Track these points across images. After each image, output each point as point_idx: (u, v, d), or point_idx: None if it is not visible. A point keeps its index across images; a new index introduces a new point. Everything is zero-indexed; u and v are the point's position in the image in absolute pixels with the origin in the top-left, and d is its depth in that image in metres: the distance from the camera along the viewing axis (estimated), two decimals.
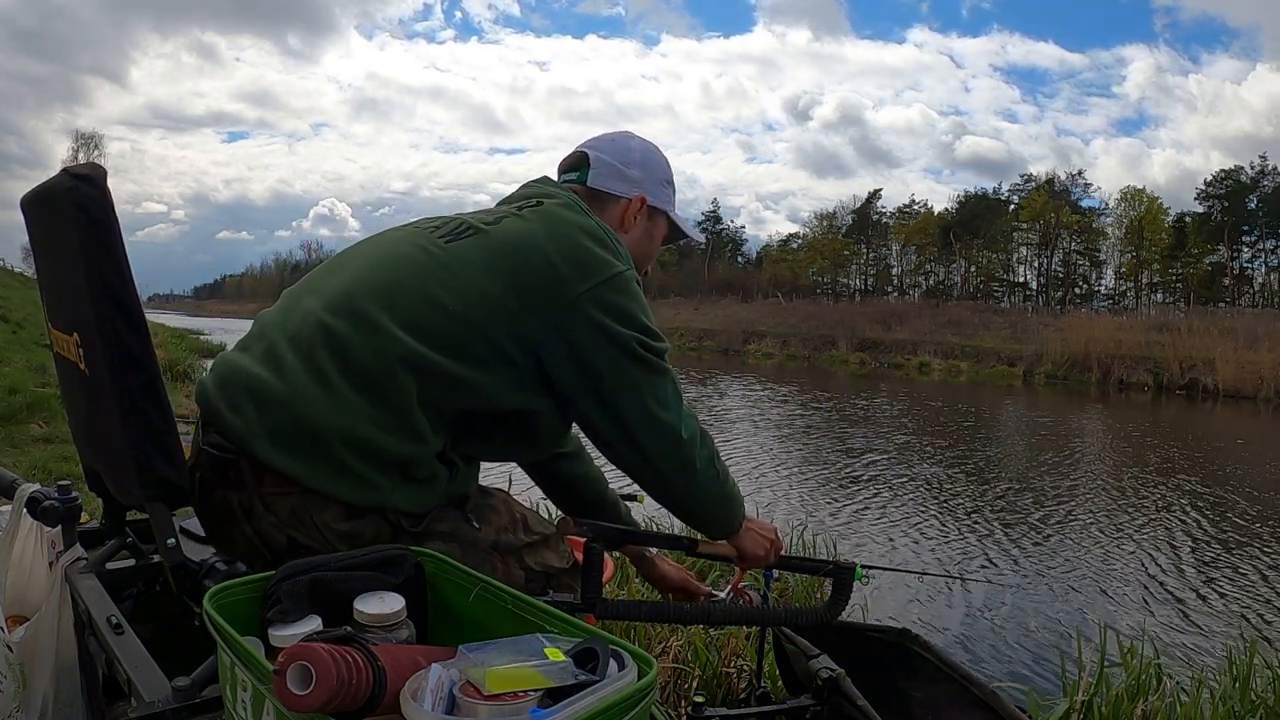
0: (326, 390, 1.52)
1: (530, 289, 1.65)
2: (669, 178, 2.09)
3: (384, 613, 1.11)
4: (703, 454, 1.80)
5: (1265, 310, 56.72)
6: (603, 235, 1.75)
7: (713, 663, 3.62)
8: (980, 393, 33.22)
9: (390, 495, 1.56)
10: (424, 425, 1.57)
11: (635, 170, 2.01)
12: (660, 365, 1.74)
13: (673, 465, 1.77)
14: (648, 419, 1.72)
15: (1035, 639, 5.78)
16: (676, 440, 1.75)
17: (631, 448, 1.75)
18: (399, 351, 1.56)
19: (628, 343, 1.68)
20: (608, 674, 0.98)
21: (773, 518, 7.61)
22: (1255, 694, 4.00)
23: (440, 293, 1.62)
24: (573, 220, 1.75)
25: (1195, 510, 10.78)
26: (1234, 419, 27.80)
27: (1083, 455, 16.23)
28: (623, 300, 1.70)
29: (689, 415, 1.79)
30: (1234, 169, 72.95)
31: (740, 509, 1.98)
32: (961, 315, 58.64)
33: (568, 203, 1.82)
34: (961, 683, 2.27)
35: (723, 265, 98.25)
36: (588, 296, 1.66)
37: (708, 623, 2.18)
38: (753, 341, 60.00)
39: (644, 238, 2.04)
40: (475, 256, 1.68)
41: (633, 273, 1.75)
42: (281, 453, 1.51)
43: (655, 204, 2.03)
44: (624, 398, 1.71)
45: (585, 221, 1.76)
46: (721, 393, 26.63)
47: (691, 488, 1.82)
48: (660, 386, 1.73)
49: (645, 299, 1.79)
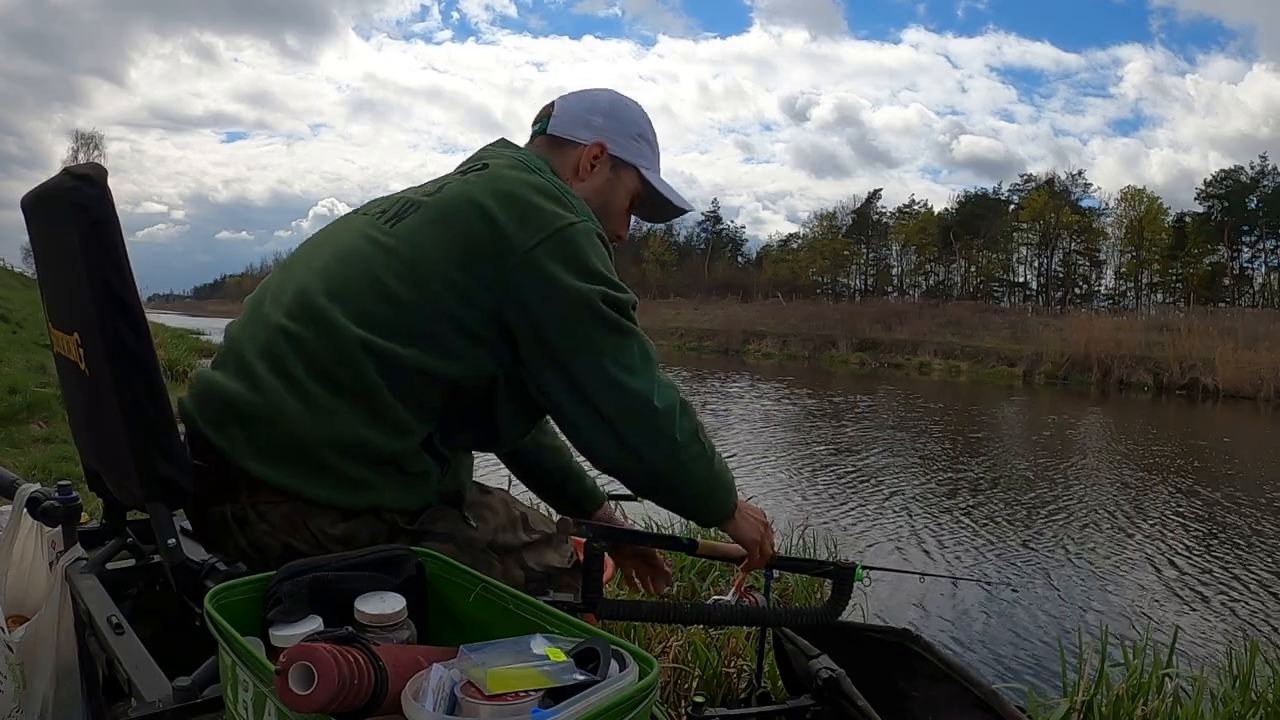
0: (303, 399, 1.52)
1: (477, 254, 1.58)
2: (642, 133, 1.97)
3: (385, 613, 1.11)
4: (683, 426, 1.62)
5: (1265, 310, 56.82)
6: (550, 189, 1.66)
7: (713, 663, 3.61)
8: (980, 393, 33.22)
9: (383, 494, 1.56)
10: (405, 418, 1.56)
11: (598, 118, 1.92)
12: (623, 323, 1.60)
13: (645, 439, 1.59)
14: (609, 384, 1.57)
15: (1036, 639, 5.78)
16: (647, 410, 1.58)
17: (594, 421, 1.59)
18: (360, 348, 1.53)
19: (583, 297, 1.57)
20: (609, 674, 0.98)
21: (774, 518, 7.60)
22: (1255, 694, 4.00)
23: (390, 280, 1.58)
24: (516, 177, 1.68)
25: (1196, 510, 10.79)
26: (1234, 419, 27.80)
27: (1083, 456, 16.23)
28: (576, 251, 1.60)
29: (665, 383, 1.62)
30: (1234, 169, 73.23)
31: (732, 491, 1.81)
32: (961, 315, 58.67)
33: (513, 162, 1.76)
34: (962, 683, 2.27)
35: (723, 265, 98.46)
36: (537, 251, 1.57)
37: (708, 623, 2.18)
38: (753, 341, 59.99)
39: (605, 188, 1.90)
40: (419, 233, 1.63)
41: (590, 224, 1.66)
42: (271, 467, 1.51)
43: (619, 154, 1.91)
44: (579, 360, 1.57)
45: (530, 178, 1.68)
46: (721, 393, 26.62)
47: (672, 466, 1.62)
48: (624, 348, 1.59)
49: (608, 254, 1.68)
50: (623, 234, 1.98)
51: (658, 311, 73.80)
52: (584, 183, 1.88)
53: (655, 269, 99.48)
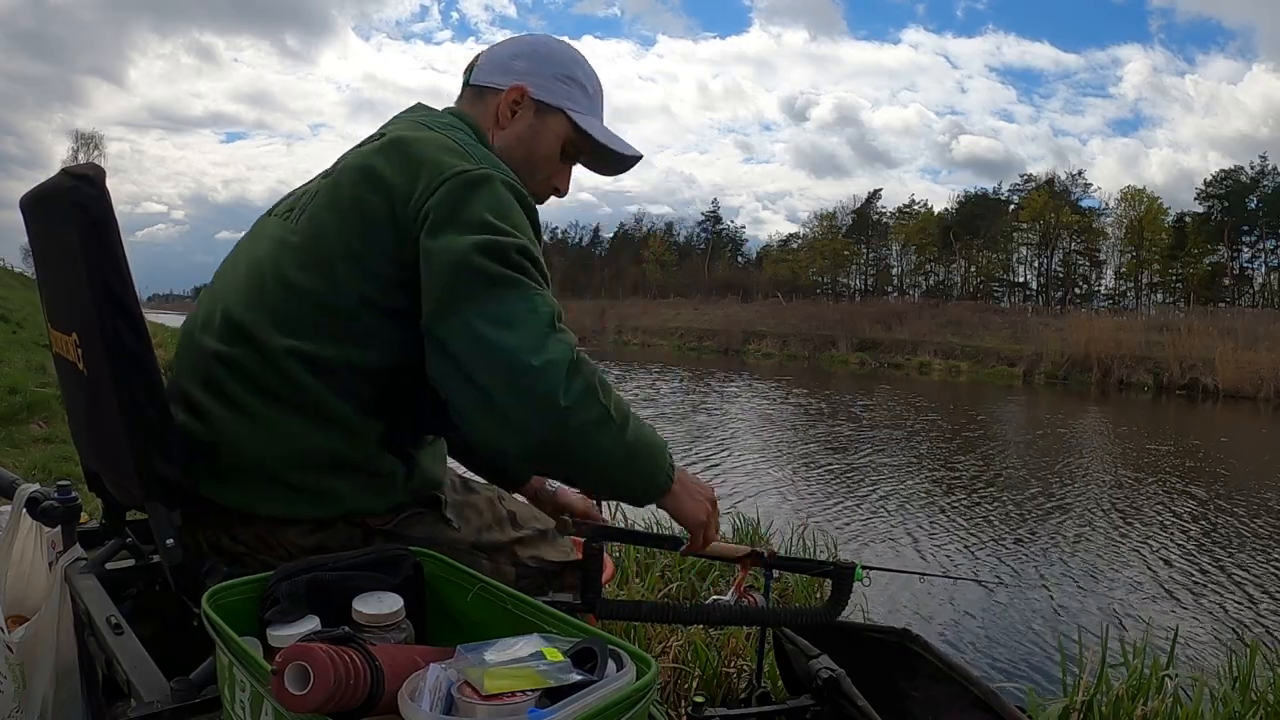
0: (251, 421, 1.49)
1: (373, 220, 1.49)
2: (570, 74, 1.80)
3: (382, 613, 1.11)
4: (572, 386, 1.36)
5: (1265, 310, 56.84)
6: (444, 141, 1.56)
7: (713, 663, 3.61)
8: (980, 393, 33.22)
9: (350, 500, 1.53)
10: (353, 419, 1.51)
11: (520, 62, 1.79)
12: (502, 274, 1.40)
13: (519, 403, 1.34)
14: (476, 342, 1.36)
15: (1035, 639, 5.78)
16: (519, 368, 1.33)
17: (466, 390, 1.38)
18: (288, 357, 1.48)
19: (457, 248, 1.41)
20: (606, 674, 0.98)
21: (773, 519, 7.63)
22: (1255, 694, 4.00)
23: (300, 278, 1.51)
24: (408, 136, 1.57)
25: (1196, 510, 10.79)
26: (1234, 419, 27.80)
27: (1083, 456, 16.23)
28: (460, 199, 1.45)
29: (555, 340, 1.38)
30: (1234, 169, 73.28)
31: (660, 464, 1.56)
32: (961, 315, 58.66)
33: (412, 123, 1.67)
34: (962, 683, 2.27)
35: (723, 265, 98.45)
36: (425, 204, 1.46)
37: (708, 623, 2.18)
38: (753, 341, 60.04)
39: (528, 134, 1.76)
40: (317, 217, 1.55)
41: (488, 171, 1.50)
42: (235, 492, 1.50)
43: (541, 97, 1.77)
44: (448, 320, 1.39)
45: (424, 134, 1.58)
46: (721, 393, 26.63)
47: (558, 434, 1.37)
48: (502, 300, 1.38)
49: (516, 203, 1.52)
50: (560, 185, 1.85)
51: (658, 311, 73.94)
52: (505, 130, 1.77)
53: (655, 269, 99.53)
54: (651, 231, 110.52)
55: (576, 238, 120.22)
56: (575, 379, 1.37)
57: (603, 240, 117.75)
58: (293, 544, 1.51)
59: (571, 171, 1.88)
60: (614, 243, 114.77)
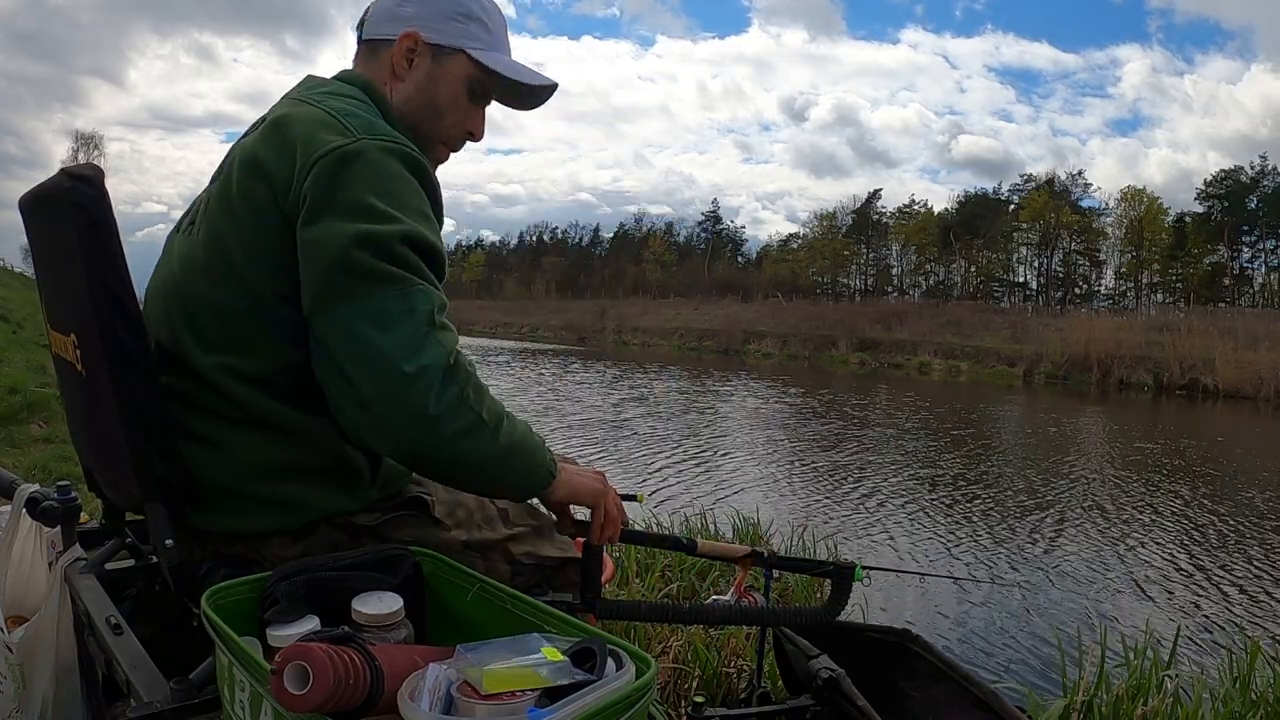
0: (210, 446, 1.47)
1: (261, 210, 1.42)
2: (465, 11, 1.68)
3: (382, 613, 1.11)
4: (444, 395, 1.30)
5: (1265, 310, 56.87)
6: (322, 116, 1.45)
7: (713, 663, 3.61)
8: (980, 393, 33.21)
9: (319, 503, 1.51)
10: (303, 422, 1.47)
11: (409, 7, 1.67)
12: (382, 269, 1.32)
13: (390, 411, 1.29)
14: (349, 342, 1.30)
15: (1035, 639, 5.78)
16: (390, 375, 1.28)
17: (343, 390, 1.32)
18: (221, 374, 1.45)
19: (332, 238, 1.33)
20: (606, 673, 0.98)
21: (773, 519, 7.63)
22: (1256, 694, 3.99)
23: (212, 293, 1.46)
24: (287, 114, 1.48)
25: (1196, 511, 10.78)
26: (1235, 419, 27.79)
27: (1083, 456, 16.21)
28: (337, 175, 1.37)
29: (434, 343, 1.32)
30: (1234, 169, 73.41)
31: (537, 464, 1.49)
32: (961, 315, 58.67)
33: (293, 99, 1.57)
34: (961, 683, 2.27)
35: (722, 265, 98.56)
36: (300, 186, 1.38)
37: (708, 622, 2.17)
38: (753, 341, 60.00)
39: (427, 82, 1.67)
40: (215, 227, 1.47)
41: (365, 145, 1.40)
42: (210, 517, 1.49)
43: (436, 40, 1.66)
44: (324, 310, 1.33)
45: (301, 110, 1.48)
46: (722, 393, 26.62)
47: (430, 445, 1.32)
48: (378, 298, 1.31)
49: (407, 171, 1.43)
50: (475, 129, 1.75)
51: (658, 311, 73.95)
52: (403, 83, 1.67)
53: (655, 269, 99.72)
54: (651, 231, 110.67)
55: (576, 238, 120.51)
56: (449, 386, 1.31)
57: (603, 240, 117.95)
58: (277, 556, 1.48)
59: (485, 113, 1.77)
60: (614, 243, 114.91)
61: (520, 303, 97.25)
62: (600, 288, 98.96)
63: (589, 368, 34.12)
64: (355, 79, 1.66)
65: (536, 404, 19.22)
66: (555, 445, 1.66)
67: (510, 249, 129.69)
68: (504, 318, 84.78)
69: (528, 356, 40.39)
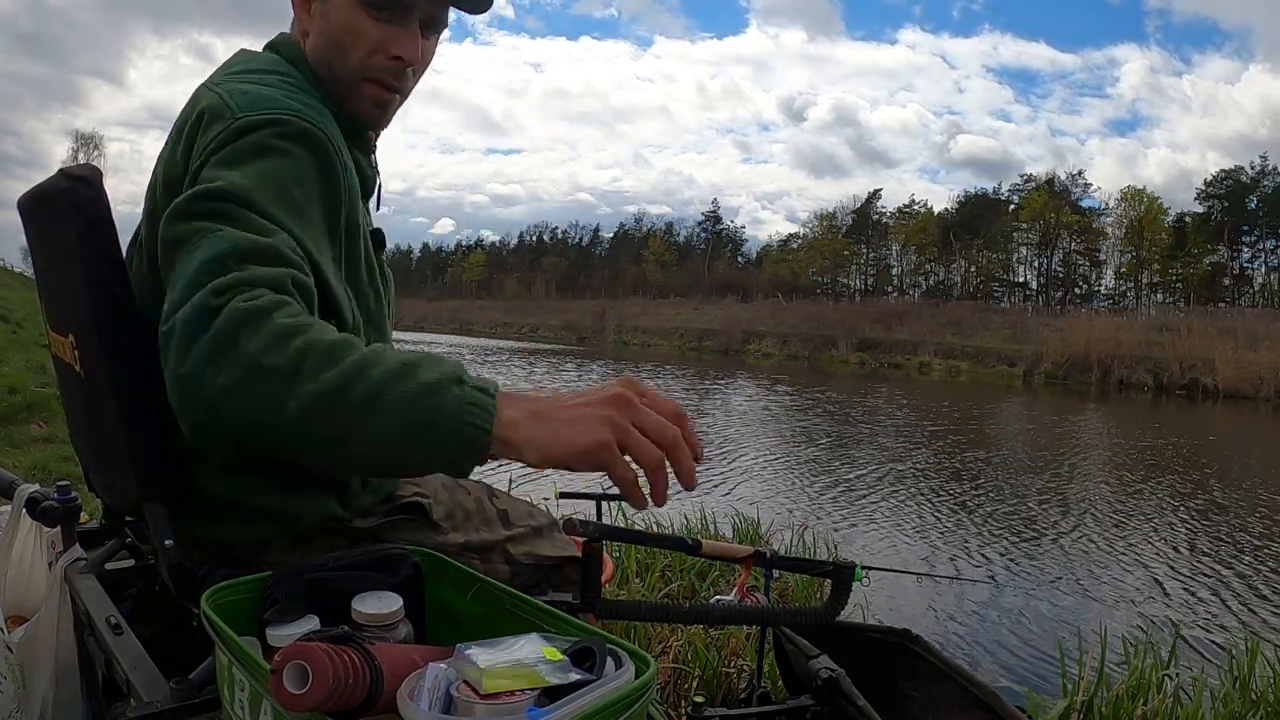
0: (202, 458, 1.43)
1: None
2: None
3: (382, 612, 1.11)
4: (195, 346, 1.01)
5: (1265, 310, 56.94)
6: (217, 103, 1.28)
7: (712, 662, 3.62)
8: (980, 393, 33.23)
9: (312, 512, 1.49)
10: None
11: None
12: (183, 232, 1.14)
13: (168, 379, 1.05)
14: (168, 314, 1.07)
15: (1036, 639, 5.78)
16: (163, 336, 1.07)
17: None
18: None
19: (179, 201, 1.17)
20: (605, 673, 0.97)
21: (773, 519, 7.63)
22: (1256, 694, 4.00)
23: (159, 310, 1.14)
24: (185, 115, 1.35)
25: (1196, 511, 10.79)
26: (1235, 419, 27.82)
27: (1083, 456, 16.23)
28: (208, 159, 1.22)
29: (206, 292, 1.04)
30: (1234, 169, 73.63)
31: (436, 416, 0.98)
32: (961, 315, 58.79)
33: (206, 86, 1.38)
34: (962, 683, 2.26)
35: (723, 265, 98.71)
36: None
37: (708, 622, 2.17)
38: (753, 341, 60.11)
39: (322, 22, 1.48)
40: (147, 242, 1.37)
41: (238, 119, 1.24)
42: (211, 526, 1.48)
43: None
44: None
45: (202, 103, 1.32)
46: (722, 392, 26.65)
47: (195, 408, 1.02)
48: (178, 264, 1.12)
49: (265, 135, 1.24)
50: (401, 50, 1.47)
51: (658, 311, 74.06)
52: (311, 34, 1.50)
53: (655, 269, 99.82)
54: (651, 231, 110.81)
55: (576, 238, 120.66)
56: (201, 332, 1.01)
57: (603, 240, 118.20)
58: (276, 562, 1.45)
59: (408, 30, 1.48)
60: (614, 243, 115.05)
61: (520, 303, 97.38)
62: (600, 288, 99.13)
63: (587, 368, 34.11)
64: (281, 44, 1.53)
65: None
66: None
67: (510, 249, 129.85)
68: (504, 318, 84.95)
69: (527, 357, 40.37)
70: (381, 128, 1.59)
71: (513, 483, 6.00)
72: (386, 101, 1.53)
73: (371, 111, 1.52)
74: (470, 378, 1.01)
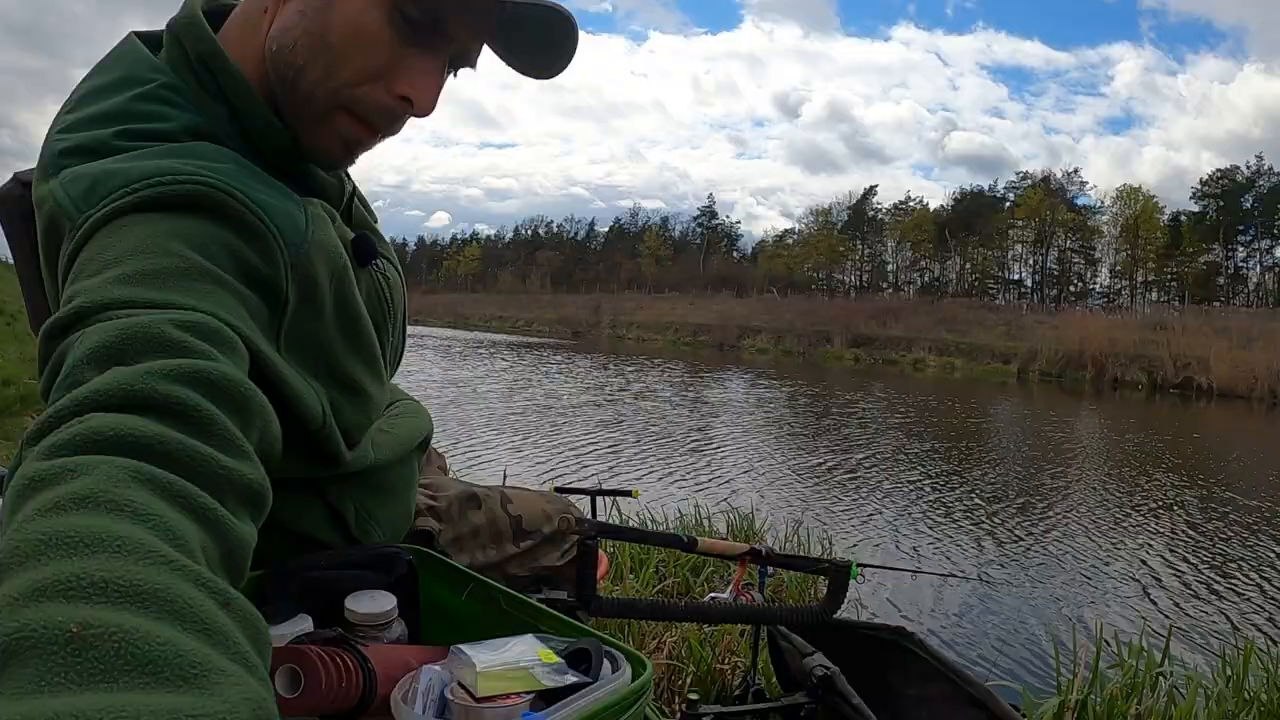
0: None
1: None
2: None
3: (375, 612, 1.10)
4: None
5: (1260, 310, 57.03)
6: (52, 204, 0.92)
7: (707, 659, 3.61)
8: (974, 390, 33.25)
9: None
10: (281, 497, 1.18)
11: None
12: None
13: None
14: None
15: (1030, 637, 5.78)
16: None
17: None
18: None
19: None
20: (601, 675, 0.96)
21: (768, 515, 7.63)
22: (1249, 693, 4.00)
23: None
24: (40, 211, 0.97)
25: (1191, 510, 10.80)
26: (1229, 418, 27.88)
27: (1077, 454, 16.24)
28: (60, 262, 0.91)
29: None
30: (1230, 168, 73.96)
31: None
32: (956, 312, 58.84)
33: (40, 163, 0.99)
34: (956, 681, 2.26)
35: (718, 260, 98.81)
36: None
37: (705, 620, 2.16)
38: (747, 337, 60.12)
39: (309, 10, 1.03)
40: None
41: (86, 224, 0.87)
42: None
43: None
44: None
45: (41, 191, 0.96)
46: (716, 388, 26.68)
47: None
48: None
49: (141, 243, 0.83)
50: (413, 89, 1.06)
51: (653, 306, 74.12)
52: (287, 13, 1.05)
53: (650, 264, 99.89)
54: (646, 226, 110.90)
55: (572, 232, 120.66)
56: None
57: (598, 234, 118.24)
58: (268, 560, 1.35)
59: (433, 65, 1.08)
60: (609, 237, 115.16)
61: (515, 296, 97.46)
62: (595, 282, 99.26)
63: (576, 362, 34.14)
64: (184, 30, 1.08)
65: (531, 399, 19.23)
66: (549, 439, 1.33)
67: (505, 243, 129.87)
68: (499, 311, 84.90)
69: (522, 350, 40.38)
70: (338, 169, 1.20)
71: (505, 478, 6.01)
72: (360, 142, 1.11)
73: (335, 149, 1.11)
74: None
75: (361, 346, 1.15)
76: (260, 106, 1.06)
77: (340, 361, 1.12)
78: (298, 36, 1.03)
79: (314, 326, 1.04)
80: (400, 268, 1.33)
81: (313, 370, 1.06)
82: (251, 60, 1.07)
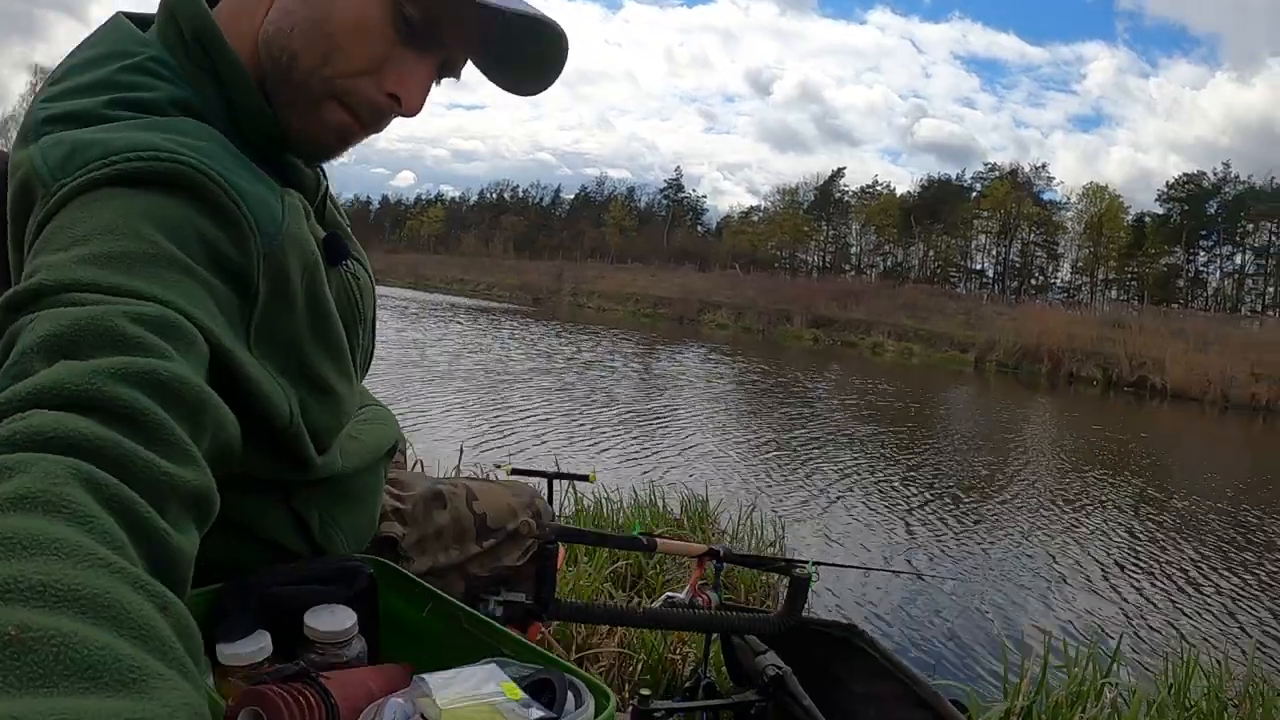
0: None
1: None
2: None
3: (335, 630, 1.07)
4: None
5: (1218, 314, 57.74)
6: (29, 166, 0.91)
7: (659, 649, 3.61)
8: (931, 378, 33.48)
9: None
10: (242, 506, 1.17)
11: None
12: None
13: None
14: None
15: (980, 638, 5.81)
16: None
17: None
18: None
19: None
20: (565, 710, 0.95)
21: (722, 498, 7.63)
22: (1189, 702, 4.05)
23: None
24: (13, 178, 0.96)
25: (1144, 512, 10.92)
26: (1181, 419, 28.22)
27: (1032, 449, 16.38)
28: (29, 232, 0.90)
29: None
30: (1197, 173, 74.86)
31: None
32: (917, 298, 59.15)
33: (22, 131, 1.00)
34: (904, 681, 2.26)
35: (682, 234, 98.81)
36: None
37: (661, 627, 2.16)
38: (708, 311, 60.12)
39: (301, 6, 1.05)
40: None
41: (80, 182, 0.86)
42: None
43: None
44: None
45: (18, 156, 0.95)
46: (675, 364, 26.71)
47: None
48: None
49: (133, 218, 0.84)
50: (403, 87, 1.09)
51: (615, 276, 74.03)
52: (274, 11, 1.07)
53: (615, 234, 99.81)
54: (612, 196, 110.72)
55: (537, 197, 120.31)
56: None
57: (563, 202, 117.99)
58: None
59: (420, 67, 1.10)
60: (574, 205, 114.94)
61: (478, 260, 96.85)
62: (558, 249, 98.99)
63: (532, 329, 34.06)
64: (173, 9, 1.06)
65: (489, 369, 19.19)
66: (510, 417, 1.29)
67: (470, 205, 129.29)
68: (461, 274, 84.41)
69: (481, 315, 40.24)
70: (328, 159, 1.21)
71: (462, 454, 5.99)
72: (353, 135, 1.13)
73: (328, 138, 1.12)
74: None
75: (331, 345, 1.14)
76: (252, 89, 1.06)
77: (310, 359, 1.10)
78: (296, 22, 1.04)
79: (284, 321, 1.03)
80: (371, 271, 1.32)
81: (281, 367, 1.05)
82: (244, 43, 1.08)
